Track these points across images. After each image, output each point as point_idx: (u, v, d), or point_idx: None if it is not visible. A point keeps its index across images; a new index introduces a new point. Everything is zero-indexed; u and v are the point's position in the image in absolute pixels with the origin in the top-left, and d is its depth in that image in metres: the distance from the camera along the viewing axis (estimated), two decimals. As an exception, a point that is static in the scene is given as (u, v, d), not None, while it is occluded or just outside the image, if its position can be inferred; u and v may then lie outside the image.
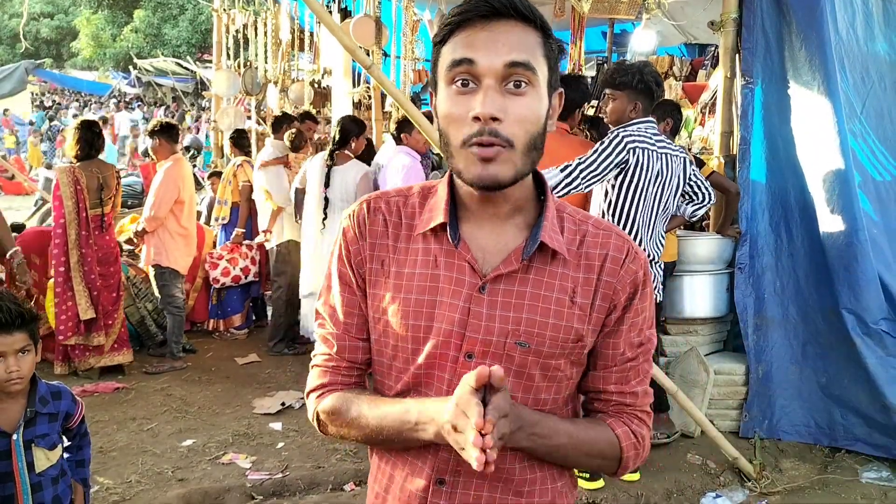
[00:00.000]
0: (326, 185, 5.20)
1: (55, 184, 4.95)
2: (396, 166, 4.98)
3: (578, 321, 1.17)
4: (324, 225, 5.23)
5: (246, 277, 6.18)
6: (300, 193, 5.57)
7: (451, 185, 1.21)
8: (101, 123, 6.03)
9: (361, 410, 1.21)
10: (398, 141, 5.16)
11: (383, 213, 1.24)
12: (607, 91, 3.62)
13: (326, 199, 5.20)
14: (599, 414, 1.25)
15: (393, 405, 1.18)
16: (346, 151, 5.26)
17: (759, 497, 3.65)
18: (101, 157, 5.21)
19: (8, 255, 4.15)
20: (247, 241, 6.28)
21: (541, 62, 1.11)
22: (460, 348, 1.16)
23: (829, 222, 4.04)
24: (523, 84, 1.08)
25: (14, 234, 5.71)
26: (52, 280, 5.00)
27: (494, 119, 1.07)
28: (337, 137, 5.27)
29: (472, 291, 1.16)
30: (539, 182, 1.23)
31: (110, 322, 5.15)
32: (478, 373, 1.01)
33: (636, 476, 3.73)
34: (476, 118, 1.07)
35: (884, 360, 3.89)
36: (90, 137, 5.02)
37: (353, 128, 5.31)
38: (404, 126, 5.06)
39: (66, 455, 2.32)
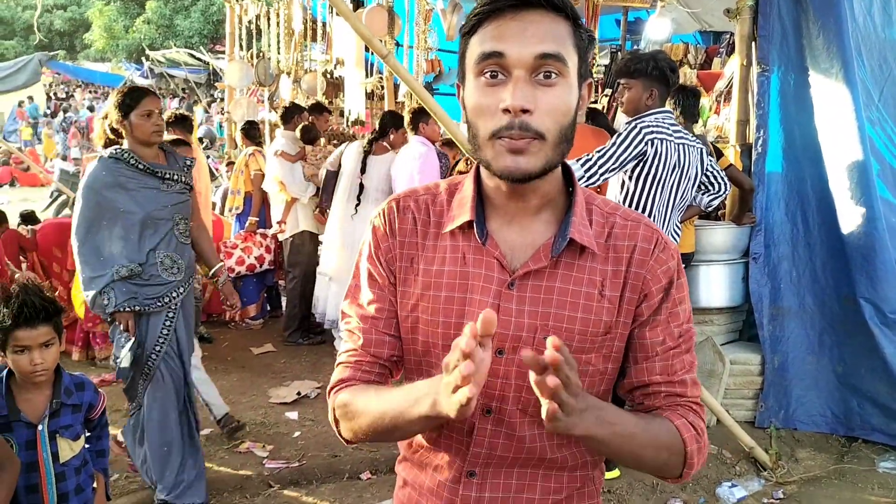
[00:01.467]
0: (362, 171, 5.31)
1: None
2: (413, 154, 5.00)
3: (608, 314, 1.16)
4: (356, 211, 5.32)
5: (261, 266, 6.21)
6: (330, 175, 5.62)
7: (478, 180, 1.20)
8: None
9: (370, 398, 1.18)
10: (415, 130, 5.17)
11: (412, 211, 1.24)
12: (622, 81, 3.60)
13: (361, 186, 5.29)
14: (653, 410, 1.20)
15: (401, 389, 1.14)
16: (384, 143, 5.37)
17: (775, 487, 3.65)
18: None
19: (211, 273, 3.64)
20: (261, 230, 6.31)
21: (571, 52, 1.09)
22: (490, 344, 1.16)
23: (847, 211, 4.01)
24: (554, 75, 1.07)
25: (31, 227, 5.76)
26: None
27: (525, 111, 1.05)
28: (377, 128, 5.44)
29: (500, 288, 1.15)
30: (568, 173, 1.21)
31: None
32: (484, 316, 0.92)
33: (616, 473, 3.69)
34: (506, 110, 1.06)
35: (901, 350, 3.88)
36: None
37: (392, 121, 5.43)
38: (421, 115, 5.09)
39: (86, 445, 2.36)
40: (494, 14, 1.08)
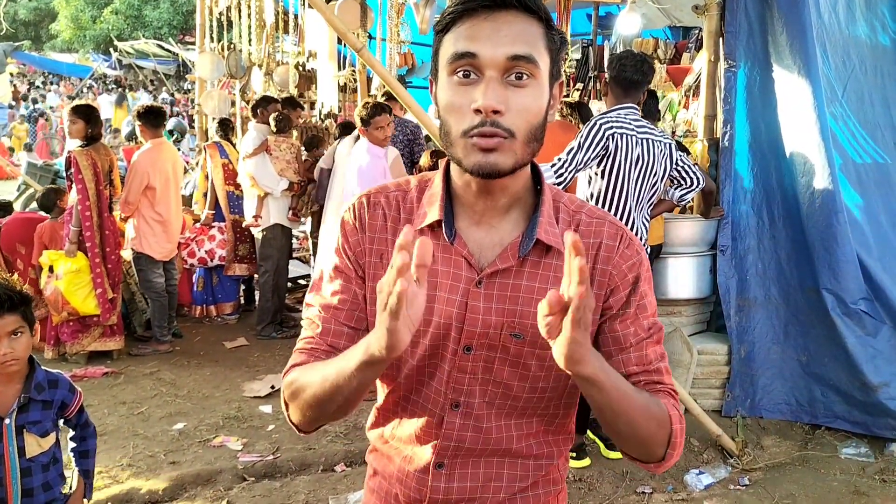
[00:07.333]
0: None
1: (74, 167, 4.93)
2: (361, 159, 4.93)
3: None
4: None
5: (211, 261, 6.20)
6: (325, 173, 5.62)
7: (447, 178, 1.22)
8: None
9: (315, 369, 1.15)
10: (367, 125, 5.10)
11: (382, 207, 1.24)
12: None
13: None
14: None
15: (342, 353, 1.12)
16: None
17: (741, 473, 3.74)
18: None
19: None
20: (217, 224, 6.26)
21: (543, 54, 1.11)
22: (458, 341, 1.18)
23: (810, 204, 4.10)
24: (525, 76, 1.09)
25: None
26: (63, 267, 4.98)
27: (496, 112, 1.07)
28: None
29: (468, 286, 1.17)
30: (536, 172, 1.23)
31: (115, 302, 5.23)
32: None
33: (586, 462, 3.77)
34: (478, 110, 1.07)
35: (862, 339, 3.98)
36: (94, 122, 5.07)
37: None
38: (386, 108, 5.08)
39: (71, 445, 2.34)
40: (468, 13, 1.09)
